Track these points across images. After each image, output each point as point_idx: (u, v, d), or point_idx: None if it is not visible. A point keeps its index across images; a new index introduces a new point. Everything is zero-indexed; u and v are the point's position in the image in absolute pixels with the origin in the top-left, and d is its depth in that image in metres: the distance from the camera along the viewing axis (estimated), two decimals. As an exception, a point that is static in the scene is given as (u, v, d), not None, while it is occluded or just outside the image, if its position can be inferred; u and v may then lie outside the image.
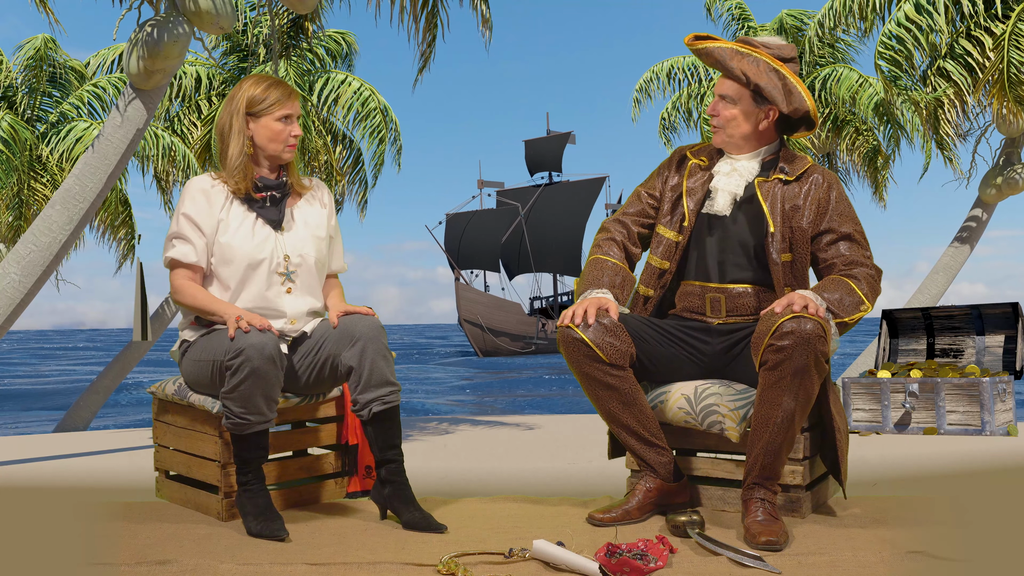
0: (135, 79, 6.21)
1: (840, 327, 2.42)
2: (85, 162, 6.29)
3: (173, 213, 2.72)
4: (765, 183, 2.61)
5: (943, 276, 11.01)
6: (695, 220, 2.67)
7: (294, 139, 2.69)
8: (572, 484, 4.33)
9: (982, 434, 5.83)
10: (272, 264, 2.63)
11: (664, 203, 2.73)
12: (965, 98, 9.78)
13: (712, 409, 2.54)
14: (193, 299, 2.60)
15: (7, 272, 6.16)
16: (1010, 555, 2.11)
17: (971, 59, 9.67)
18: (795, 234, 2.57)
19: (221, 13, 6.15)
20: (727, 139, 2.66)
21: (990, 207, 11.09)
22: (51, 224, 6.23)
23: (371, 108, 11.15)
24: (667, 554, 2.12)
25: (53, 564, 2.19)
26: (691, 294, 2.68)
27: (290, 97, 2.67)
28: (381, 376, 2.53)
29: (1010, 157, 10.74)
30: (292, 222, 2.71)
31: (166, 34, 6.02)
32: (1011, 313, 6.24)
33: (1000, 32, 9.56)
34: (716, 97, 2.66)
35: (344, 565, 2.11)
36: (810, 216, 2.58)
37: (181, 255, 2.62)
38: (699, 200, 2.67)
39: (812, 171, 2.64)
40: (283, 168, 2.75)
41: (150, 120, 6.46)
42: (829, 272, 2.57)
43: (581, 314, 2.51)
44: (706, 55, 2.63)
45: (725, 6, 12.74)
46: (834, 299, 2.42)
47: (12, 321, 6.25)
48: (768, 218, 2.56)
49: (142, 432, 8.28)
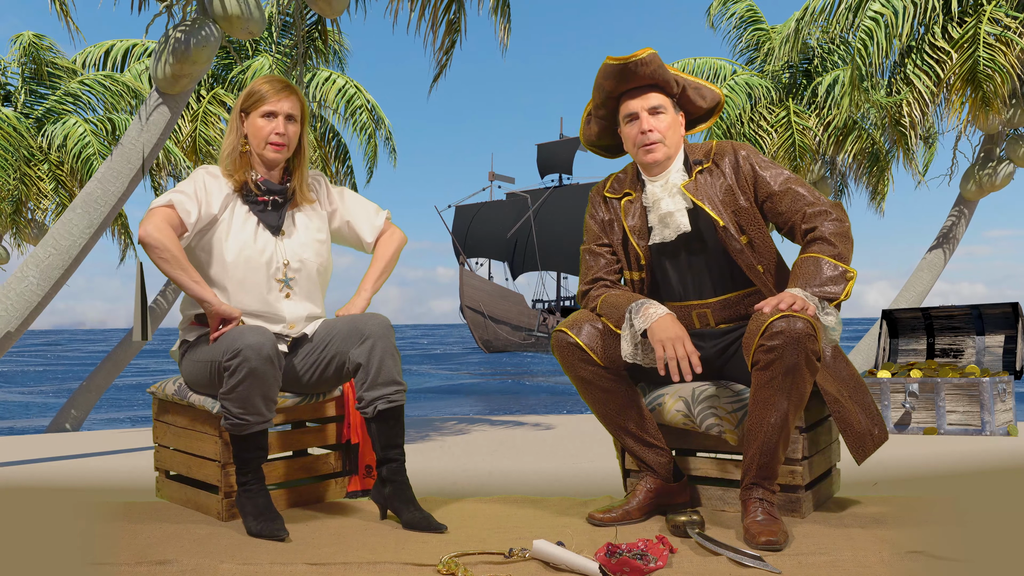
0: (161, 83, 6.22)
1: (838, 306, 2.39)
2: (108, 166, 6.30)
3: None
4: (691, 185, 2.57)
5: (928, 273, 11.06)
6: (650, 254, 2.62)
7: (277, 137, 2.60)
8: (572, 484, 4.33)
9: (982, 434, 5.83)
10: (271, 269, 2.61)
11: (616, 250, 2.68)
12: (926, 100, 9.85)
13: (709, 412, 2.54)
14: (176, 258, 2.48)
15: (26, 275, 6.17)
16: (1010, 555, 2.11)
17: (933, 61, 9.77)
18: (740, 216, 2.53)
19: (250, 17, 6.16)
20: (666, 151, 2.58)
21: (972, 204, 11.14)
22: (71, 228, 6.24)
23: (356, 105, 11.16)
24: (667, 554, 2.12)
25: (53, 564, 2.19)
26: (677, 315, 2.61)
27: (277, 94, 2.61)
28: (388, 375, 2.53)
29: (989, 154, 10.79)
30: (293, 228, 2.68)
31: (195, 39, 6.03)
32: (1011, 313, 6.24)
33: (958, 36, 9.65)
34: (643, 113, 2.56)
35: (344, 565, 2.11)
36: (745, 193, 2.55)
37: (177, 201, 2.54)
38: (645, 234, 2.62)
39: (722, 150, 2.61)
40: (288, 173, 2.71)
41: (174, 124, 6.47)
42: (794, 232, 2.51)
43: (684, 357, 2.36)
44: (644, 65, 2.53)
45: (731, 9, 12.71)
46: (820, 284, 2.35)
47: (29, 323, 6.27)
48: (712, 214, 2.52)
49: (142, 432, 8.28)
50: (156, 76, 6.20)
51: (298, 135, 2.67)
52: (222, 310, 2.52)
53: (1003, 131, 10.66)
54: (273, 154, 2.63)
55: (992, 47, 9.44)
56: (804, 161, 11.65)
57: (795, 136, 11.64)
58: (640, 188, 2.65)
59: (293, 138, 2.65)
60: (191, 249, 2.62)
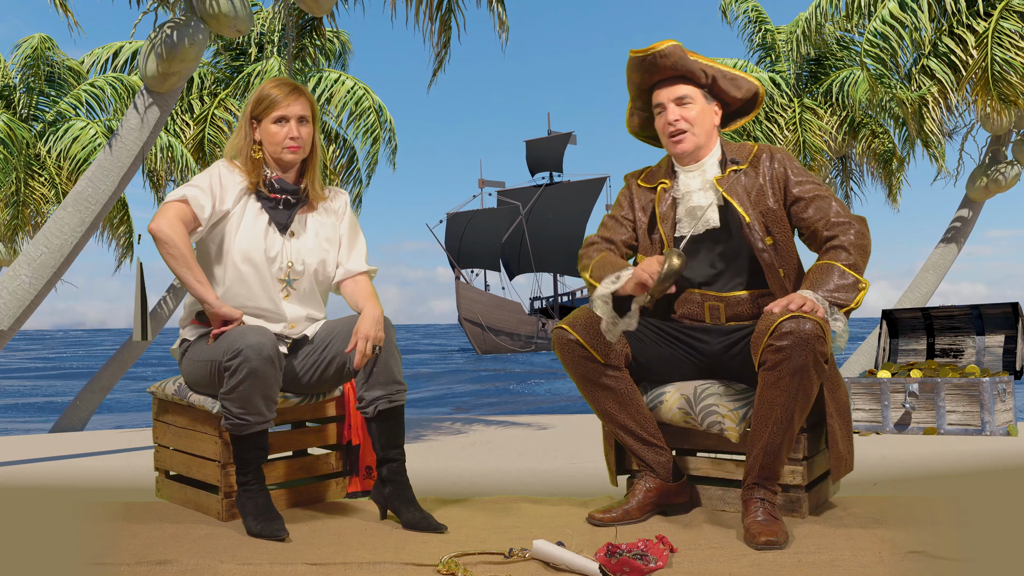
0: (151, 82, 6.22)
1: (846, 313, 2.39)
2: (98, 164, 6.30)
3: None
4: (724, 180, 2.59)
5: (933, 274, 11.05)
6: (673, 244, 2.63)
7: (292, 141, 2.62)
8: (572, 484, 4.32)
9: (982, 434, 5.83)
10: (275, 268, 2.62)
11: (639, 230, 2.70)
12: (949, 96, 9.81)
13: (712, 410, 2.54)
14: (183, 256, 2.50)
15: (18, 274, 6.16)
16: (1010, 555, 2.11)
17: (954, 57, 9.71)
18: (767, 217, 2.56)
19: (238, 16, 6.16)
20: (696, 140, 2.60)
21: (977, 205, 11.14)
22: (63, 226, 6.23)
23: (365, 107, 11.15)
24: (667, 554, 2.12)
25: (53, 564, 2.18)
26: (690, 301, 2.66)
27: (287, 98, 2.62)
28: (389, 374, 2.53)
29: (996, 155, 10.77)
30: (303, 230, 2.69)
31: (183, 36, 6.03)
32: (1011, 313, 6.24)
33: (982, 30, 9.59)
34: (670, 104, 2.59)
35: (344, 565, 2.11)
36: (775, 195, 2.57)
37: (191, 196, 2.56)
38: (672, 223, 2.64)
39: (760, 152, 2.64)
40: (303, 174, 2.72)
41: (163, 123, 6.47)
42: (815, 238, 2.54)
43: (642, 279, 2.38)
44: (664, 56, 2.56)
45: (741, 8, 12.72)
46: (831, 290, 2.37)
47: (22, 322, 6.26)
48: (740, 210, 2.54)
49: (142, 432, 8.28)
50: (145, 75, 6.20)
51: (311, 135, 2.68)
52: (223, 311, 2.52)
53: (1010, 132, 10.64)
54: (290, 156, 2.64)
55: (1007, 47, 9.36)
56: (818, 160, 11.63)
57: (806, 135, 11.62)
58: (673, 178, 2.67)
59: (307, 139, 2.67)
60: (201, 239, 2.63)
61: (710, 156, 2.64)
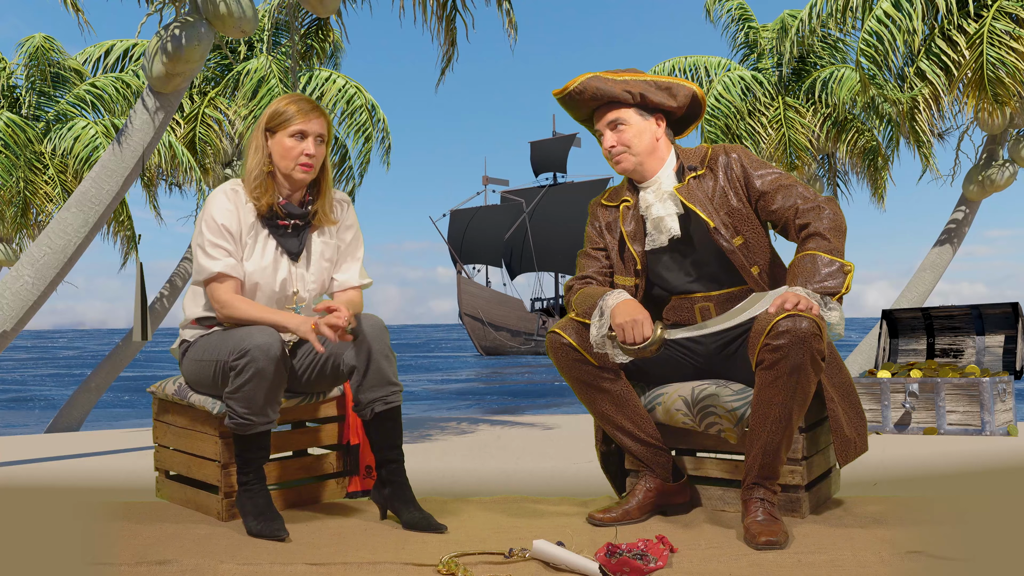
0: (155, 82, 6.22)
1: (840, 300, 2.39)
2: (102, 165, 6.30)
3: (198, 219, 2.62)
4: (683, 188, 2.60)
5: (930, 274, 11.05)
6: (646, 260, 2.65)
7: (307, 158, 2.58)
8: (572, 484, 4.32)
9: (982, 434, 5.83)
10: (283, 295, 2.64)
11: (611, 254, 2.71)
12: (941, 97, 9.82)
13: (710, 410, 2.54)
14: (248, 314, 2.51)
15: (21, 274, 6.17)
16: (1010, 555, 2.11)
17: (946, 58, 9.72)
18: (734, 217, 2.56)
19: (244, 16, 6.17)
20: (636, 159, 2.61)
21: (974, 204, 11.14)
22: (66, 227, 6.24)
23: (357, 106, 11.15)
24: (667, 554, 2.12)
25: (53, 564, 2.18)
26: (679, 307, 2.66)
27: (307, 114, 2.58)
28: (383, 376, 2.53)
29: (992, 154, 10.78)
30: (310, 255, 2.68)
31: (188, 37, 6.03)
32: (1011, 313, 6.24)
33: (973, 31, 9.60)
34: (605, 131, 2.62)
35: (344, 565, 2.11)
36: (738, 194, 2.57)
37: (229, 268, 2.55)
38: (641, 239, 2.65)
39: (715, 154, 2.63)
40: (310, 193, 2.68)
41: (168, 123, 6.47)
42: (788, 229, 2.52)
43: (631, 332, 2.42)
44: (579, 93, 2.61)
45: (726, 7, 12.73)
46: (820, 280, 2.35)
47: (24, 323, 6.27)
48: (703, 216, 2.54)
49: (142, 432, 8.28)
50: (150, 75, 6.21)
51: (323, 157, 2.65)
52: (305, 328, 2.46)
53: (1006, 132, 10.65)
54: (301, 175, 2.60)
55: (999, 47, 9.36)
56: (802, 159, 11.65)
57: (790, 132, 11.63)
58: (635, 195, 2.69)
59: (320, 159, 2.63)
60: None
61: (664, 168, 2.64)
